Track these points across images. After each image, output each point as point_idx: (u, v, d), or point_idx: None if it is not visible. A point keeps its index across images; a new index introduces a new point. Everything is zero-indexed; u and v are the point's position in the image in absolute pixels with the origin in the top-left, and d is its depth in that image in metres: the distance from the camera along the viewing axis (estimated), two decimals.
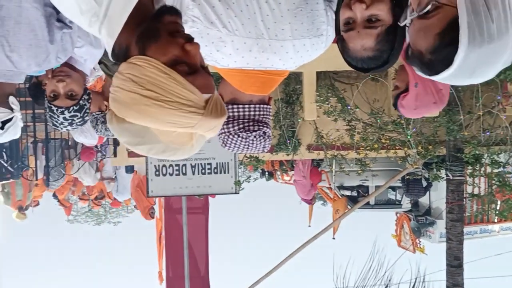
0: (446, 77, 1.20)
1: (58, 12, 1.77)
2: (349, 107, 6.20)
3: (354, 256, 7.90)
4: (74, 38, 1.81)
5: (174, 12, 1.14)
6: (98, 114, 2.34)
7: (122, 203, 13.09)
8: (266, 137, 1.83)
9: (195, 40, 1.10)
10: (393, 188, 11.71)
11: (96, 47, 2.00)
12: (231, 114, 1.80)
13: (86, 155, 7.48)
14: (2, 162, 7.85)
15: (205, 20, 1.54)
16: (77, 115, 2.11)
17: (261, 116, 1.81)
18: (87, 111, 2.15)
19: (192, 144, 1.08)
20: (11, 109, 1.88)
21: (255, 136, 1.79)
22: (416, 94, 2.58)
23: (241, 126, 1.79)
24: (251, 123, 1.79)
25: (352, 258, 7.79)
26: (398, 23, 1.32)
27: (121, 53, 1.13)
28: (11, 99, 1.87)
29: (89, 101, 2.15)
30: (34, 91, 2.71)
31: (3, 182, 9.15)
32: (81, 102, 2.10)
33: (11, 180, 9.11)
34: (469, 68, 1.16)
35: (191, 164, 6.63)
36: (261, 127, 1.80)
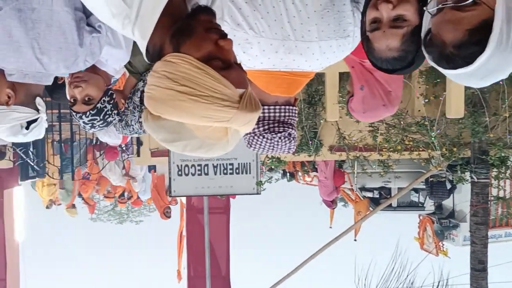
0: (460, 74, 1.19)
1: (88, 16, 1.80)
2: None
3: (376, 258, 7.84)
4: (102, 42, 1.84)
5: (209, 12, 1.16)
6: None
7: (144, 202, 13.22)
8: (291, 139, 1.83)
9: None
10: (416, 190, 11.59)
11: (115, 47, 2.01)
12: None
13: (110, 155, 7.57)
14: (29, 161, 8.00)
15: (232, 22, 1.55)
16: (96, 119, 2.13)
17: (287, 118, 1.81)
18: (109, 113, 2.15)
19: (228, 139, 1.09)
20: (37, 110, 1.91)
21: (280, 138, 1.79)
22: (363, 97, 2.53)
23: (266, 127, 1.79)
24: (276, 124, 1.78)
25: (374, 260, 7.73)
26: (424, 8, 1.30)
27: (155, 53, 1.14)
28: (38, 100, 1.90)
29: (111, 102, 2.15)
30: (50, 85, 2.75)
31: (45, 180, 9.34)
32: (99, 105, 2.10)
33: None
34: (486, 70, 1.16)
35: (213, 164, 6.66)
36: (286, 128, 1.79)
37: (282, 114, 1.81)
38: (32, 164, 8.10)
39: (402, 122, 6.21)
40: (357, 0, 1.65)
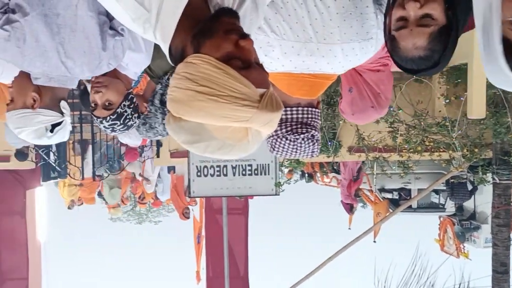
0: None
1: (111, 19, 1.82)
2: (391, 108, 6.10)
3: (396, 260, 7.78)
4: (125, 46, 1.86)
5: (232, 13, 1.15)
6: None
7: (163, 203, 13.30)
8: (315, 141, 1.81)
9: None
10: (437, 192, 11.46)
11: (135, 50, 2.02)
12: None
13: (130, 156, 7.62)
14: (50, 162, 8.12)
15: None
16: (116, 123, 2.13)
17: (309, 119, 1.79)
18: (129, 117, 2.15)
19: (248, 140, 1.07)
20: (62, 113, 1.93)
21: (303, 139, 1.78)
22: (352, 99, 2.52)
23: (289, 128, 1.78)
24: (299, 126, 1.77)
25: (393, 262, 7.67)
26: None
27: (177, 55, 1.15)
28: (63, 103, 1.92)
29: (131, 106, 2.15)
30: (83, 97, 2.78)
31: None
32: (119, 110, 2.10)
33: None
34: None
35: (232, 165, 6.68)
36: (309, 130, 1.78)
37: (305, 115, 1.80)
38: (54, 165, 8.22)
39: (422, 123, 6.15)
40: (380, 2, 1.64)
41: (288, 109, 1.80)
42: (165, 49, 1.18)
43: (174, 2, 1.13)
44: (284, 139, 1.79)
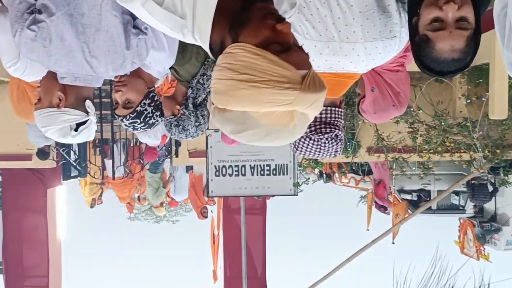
0: None
1: (134, 18, 1.84)
2: (411, 109, 6.05)
3: (415, 262, 7.71)
4: (148, 44, 1.88)
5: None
6: (171, 118, 2.39)
7: (180, 203, 13.35)
8: (338, 140, 1.81)
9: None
10: (457, 193, 11.34)
11: (158, 49, 2.03)
12: None
13: (150, 155, 7.67)
14: (71, 161, 8.22)
15: None
16: (136, 121, 2.16)
17: (333, 119, 1.79)
18: (149, 115, 2.17)
19: (295, 124, 1.07)
20: (87, 112, 1.95)
21: (327, 139, 1.78)
22: (374, 98, 2.53)
23: (312, 128, 1.78)
24: (322, 126, 1.77)
25: (413, 264, 7.60)
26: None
27: (217, 50, 1.16)
28: (88, 103, 1.93)
29: (151, 104, 2.16)
30: None
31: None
32: (138, 108, 2.12)
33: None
34: None
35: (250, 165, 6.69)
36: (332, 129, 1.78)
37: (328, 115, 1.80)
38: (74, 164, 8.32)
39: (443, 123, 6.09)
40: (404, 0, 1.63)
41: None
42: (206, 49, 1.20)
43: (205, 2, 1.15)
44: (308, 139, 1.79)
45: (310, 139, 1.80)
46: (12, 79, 2.90)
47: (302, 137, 1.80)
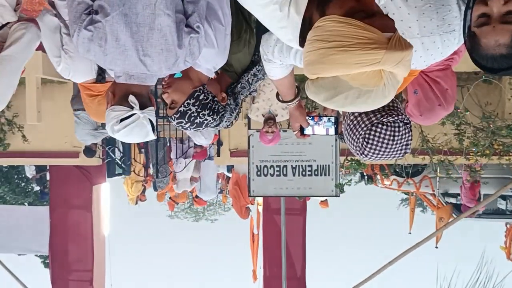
0: None
1: (187, 17, 1.87)
2: (458, 110, 5.91)
3: (460, 267, 7.52)
4: (201, 43, 1.90)
5: None
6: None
7: (208, 202, 13.37)
8: (409, 129, 1.72)
9: None
10: (504, 197, 10.99)
11: (207, 46, 2.04)
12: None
13: (199, 154, 7.71)
14: (116, 159, 8.42)
15: None
16: (182, 121, 2.18)
17: (397, 108, 1.72)
18: (194, 115, 2.17)
19: (384, 83, 1.12)
20: (132, 108, 1.91)
21: (401, 121, 1.68)
22: (417, 100, 2.48)
23: (383, 113, 1.68)
24: (391, 109, 1.70)
25: (457, 269, 7.42)
26: None
27: (306, 27, 1.24)
28: (131, 97, 1.91)
29: (196, 104, 2.16)
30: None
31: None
32: (181, 108, 2.14)
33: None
34: None
35: (292, 165, 6.67)
36: (400, 116, 1.70)
37: (390, 103, 1.73)
38: (119, 162, 8.51)
39: (491, 125, 5.92)
40: None
41: None
42: (299, 22, 1.28)
43: None
44: (380, 125, 1.68)
45: (383, 124, 1.68)
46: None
47: (373, 125, 1.69)
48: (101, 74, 2.91)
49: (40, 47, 2.73)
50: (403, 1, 1.55)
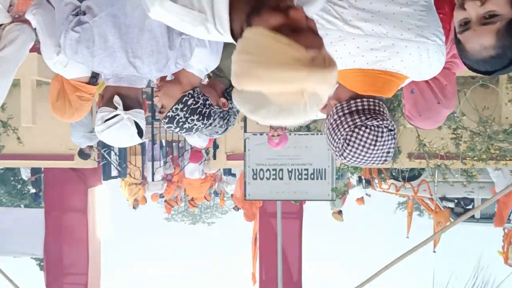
0: None
1: None
2: (455, 114, 5.89)
3: (457, 271, 7.49)
4: (193, 44, 1.87)
5: None
6: (217, 109, 2.30)
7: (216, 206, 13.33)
8: (392, 136, 1.67)
9: None
10: None
11: (199, 45, 2.01)
12: (354, 108, 1.65)
13: (195, 157, 7.69)
14: (111, 161, 8.37)
15: (324, 21, 1.53)
16: (171, 126, 2.13)
17: (382, 112, 1.67)
18: (182, 120, 2.12)
19: (306, 102, 1.10)
20: (116, 108, 1.87)
21: (385, 127, 1.61)
22: (415, 100, 2.41)
23: (368, 116, 1.61)
24: (377, 114, 1.65)
25: (454, 273, 7.39)
26: None
27: (238, 38, 1.21)
28: (115, 98, 1.87)
29: (184, 109, 2.11)
30: None
31: None
32: (170, 113, 2.09)
33: None
34: None
35: (288, 169, 6.64)
36: (385, 121, 1.65)
37: (377, 107, 1.66)
38: (115, 164, 8.46)
39: (488, 130, 5.90)
40: None
41: (365, 99, 1.65)
42: (230, 39, 1.26)
43: None
44: (363, 128, 1.60)
45: (367, 127, 1.60)
46: (55, 78, 2.92)
47: (356, 126, 1.61)
48: (95, 76, 2.85)
49: (34, 49, 2.69)
50: (403, 3, 1.54)
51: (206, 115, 2.16)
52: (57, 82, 2.83)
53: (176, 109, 2.11)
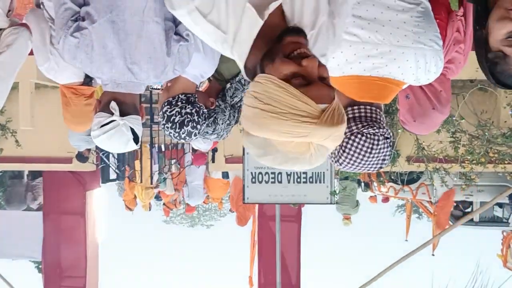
0: None
1: (176, 25, 1.84)
2: (454, 118, 5.89)
3: (455, 275, 7.49)
4: (190, 51, 1.87)
5: (296, 32, 1.21)
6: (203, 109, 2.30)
7: (196, 207, 13.26)
8: (389, 144, 1.68)
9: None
10: (500, 205, 10.99)
11: (194, 50, 2.01)
12: (351, 116, 1.67)
13: (199, 160, 7.66)
14: (110, 165, 8.36)
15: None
16: (171, 133, 2.14)
17: (380, 120, 1.68)
18: (162, 127, 2.14)
19: (311, 154, 1.12)
20: (112, 114, 1.86)
21: (381, 135, 1.62)
22: (410, 105, 2.41)
23: (365, 124, 1.63)
24: (374, 122, 1.65)
25: (453, 276, 7.39)
26: None
27: (251, 73, 1.25)
28: (112, 104, 1.87)
29: (163, 116, 2.12)
30: None
31: None
32: (158, 120, 2.09)
33: None
34: None
35: (286, 172, 6.63)
36: (382, 127, 1.66)
37: (374, 115, 1.68)
38: (114, 168, 8.45)
39: (486, 133, 5.91)
40: None
41: (362, 106, 1.68)
42: (241, 67, 1.28)
43: (250, 25, 1.22)
44: (359, 135, 1.62)
45: (363, 135, 1.62)
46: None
47: (353, 134, 1.63)
48: (88, 76, 2.83)
49: (33, 52, 2.68)
50: (399, 10, 1.53)
51: (179, 123, 2.11)
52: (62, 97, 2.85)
53: (160, 115, 2.14)
